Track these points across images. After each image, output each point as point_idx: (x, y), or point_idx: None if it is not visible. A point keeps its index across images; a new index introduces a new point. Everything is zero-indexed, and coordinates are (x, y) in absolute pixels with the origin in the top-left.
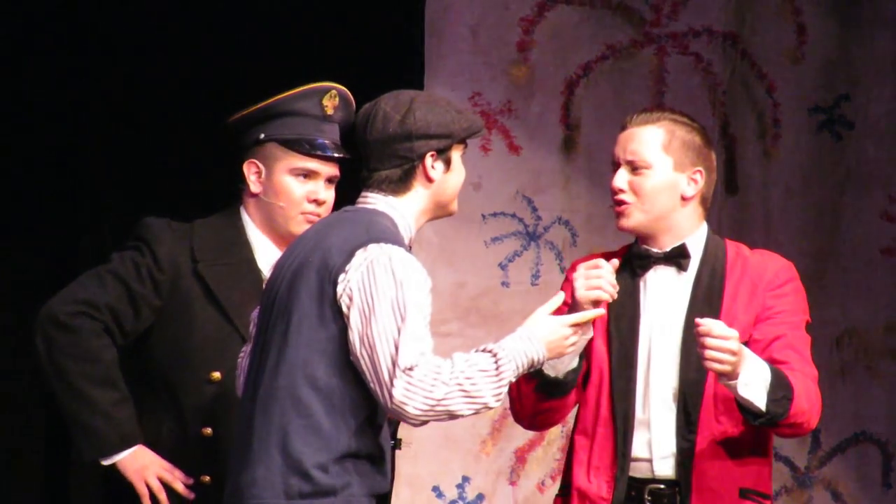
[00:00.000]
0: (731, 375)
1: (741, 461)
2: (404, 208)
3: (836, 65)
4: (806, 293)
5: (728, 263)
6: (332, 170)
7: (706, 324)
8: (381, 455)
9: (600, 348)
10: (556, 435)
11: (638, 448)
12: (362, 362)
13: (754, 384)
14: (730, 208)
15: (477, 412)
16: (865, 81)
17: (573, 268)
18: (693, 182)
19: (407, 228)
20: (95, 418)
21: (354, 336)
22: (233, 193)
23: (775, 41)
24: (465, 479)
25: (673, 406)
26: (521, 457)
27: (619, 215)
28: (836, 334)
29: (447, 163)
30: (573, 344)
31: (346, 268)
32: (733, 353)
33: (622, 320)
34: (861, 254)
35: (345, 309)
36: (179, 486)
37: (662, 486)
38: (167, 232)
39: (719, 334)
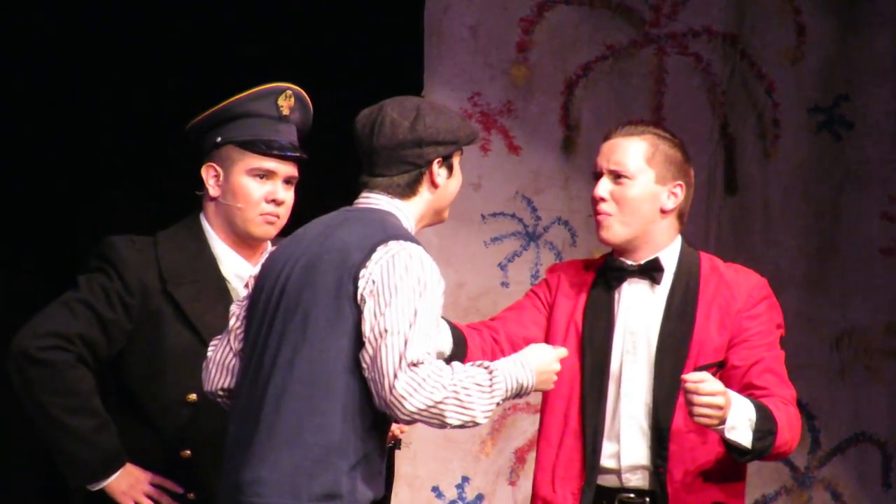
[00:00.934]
0: (719, 424)
1: (714, 475)
2: (408, 211)
3: (835, 65)
4: (806, 293)
5: (702, 278)
6: (289, 170)
7: (693, 380)
8: (381, 459)
9: (572, 360)
10: None
11: (606, 459)
12: (368, 351)
13: (740, 426)
14: (729, 208)
15: (464, 425)
16: (865, 82)
17: (553, 270)
18: (673, 196)
19: (409, 230)
20: (77, 447)
21: (366, 326)
22: (194, 200)
23: (775, 41)
24: (465, 479)
25: (644, 420)
26: (520, 457)
27: (599, 226)
28: (836, 334)
29: (450, 168)
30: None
31: (367, 263)
32: (720, 408)
33: (595, 333)
34: (860, 253)
35: (362, 302)
36: (167, 500)
37: (632, 496)
38: (132, 252)
39: (707, 391)
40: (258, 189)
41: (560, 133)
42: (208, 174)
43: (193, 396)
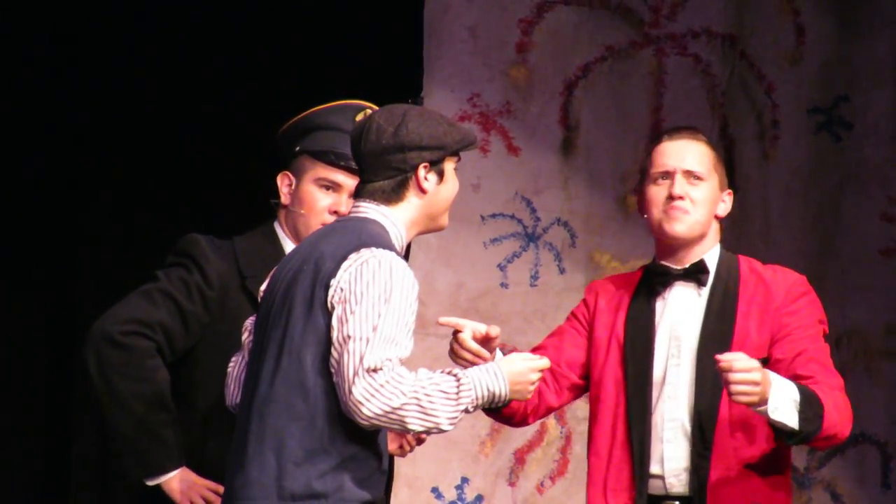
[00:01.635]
0: (760, 403)
1: (756, 478)
2: (396, 217)
3: (834, 66)
4: None
5: (741, 279)
6: (354, 183)
7: (726, 359)
8: (376, 460)
9: (615, 370)
10: (555, 436)
11: (652, 465)
12: (334, 356)
13: (784, 406)
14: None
15: (428, 431)
16: (864, 82)
17: (591, 288)
18: (723, 203)
19: (398, 237)
20: (147, 439)
21: (334, 333)
22: (270, 209)
23: (774, 42)
24: (465, 479)
25: (687, 424)
26: (520, 458)
27: (674, 220)
28: (836, 335)
29: (440, 174)
30: (534, 389)
31: (337, 272)
32: (757, 384)
33: (637, 342)
34: (860, 254)
35: (332, 309)
36: None
37: (677, 503)
38: (212, 248)
39: (741, 368)
40: (323, 199)
41: (559, 134)
42: (283, 182)
43: None
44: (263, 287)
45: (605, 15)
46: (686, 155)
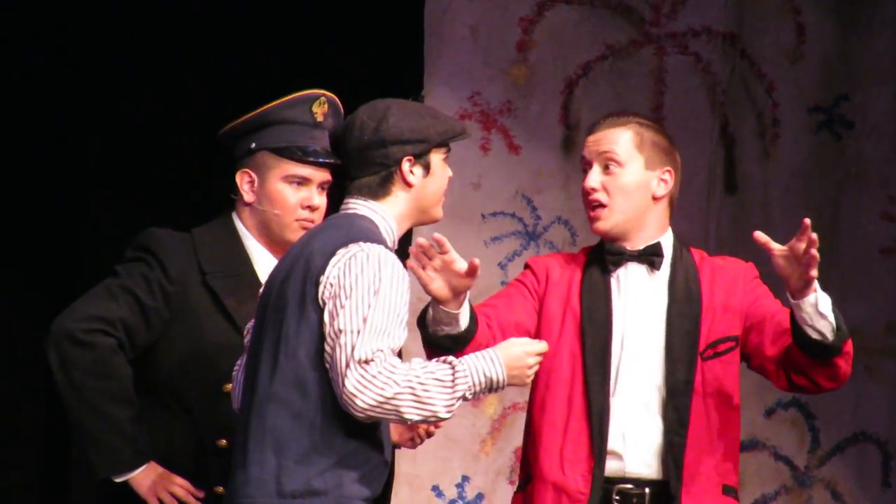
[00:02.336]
0: (810, 283)
1: (723, 458)
2: (385, 211)
3: (835, 65)
4: None
5: (697, 265)
6: (324, 175)
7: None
8: (378, 456)
9: (571, 342)
10: None
11: (612, 442)
12: (328, 351)
13: (825, 301)
14: (729, 208)
15: (426, 420)
16: (865, 81)
17: (536, 261)
18: (663, 182)
19: (388, 231)
20: (111, 435)
21: (326, 328)
22: (225, 202)
23: (775, 41)
24: (465, 478)
25: (655, 406)
26: (520, 455)
27: (594, 219)
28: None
29: (426, 167)
30: (532, 373)
31: (327, 267)
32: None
33: (595, 316)
34: (860, 253)
35: (323, 305)
36: (192, 500)
37: (630, 486)
38: (172, 242)
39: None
40: (294, 195)
41: (560, 132)
42: (242, 180)
43: (230, 386)
44: (262, 289)
45: (606, 13)
46: (600, 144)
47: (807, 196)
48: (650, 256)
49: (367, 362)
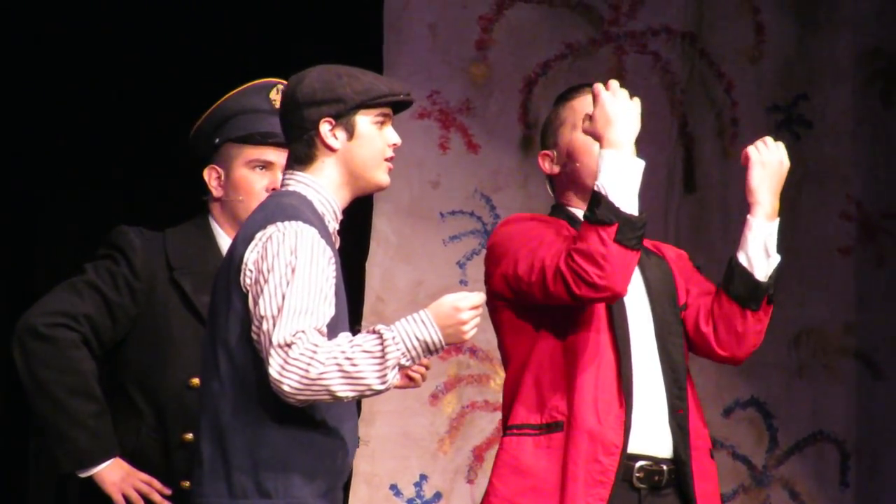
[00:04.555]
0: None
1: (704, 422)
2: (316, 182)
3: (794, 64)
4: None
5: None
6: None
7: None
8: (332, 450)
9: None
10: None
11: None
12: (255, 339)
13: (773, 244)
14: (688, 207)
15: (362, 394)
16: (824, 81)
17: (518, 219)
18: None
19: (324, 202)
20: (75, 430)
21: (252, 315)
22: (200, 204)
23: (734, 40)
24: (423, 477)
25: (657, 376)
26: (478, 455)
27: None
28: (794, 333)
29: (349, 131)
30: (473, 328)
31: (245, 253)
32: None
33: None
34: (819, 253)
35: (246, 293)
36: (157, 498)
37: (649, 463)
38: (141, 240)
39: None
40: (259, 180)
41: (519, 131)
42: (210, 177)
43: (197, 381)
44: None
45: (565, 12)
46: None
47: None
48: None
49: (288, 345)
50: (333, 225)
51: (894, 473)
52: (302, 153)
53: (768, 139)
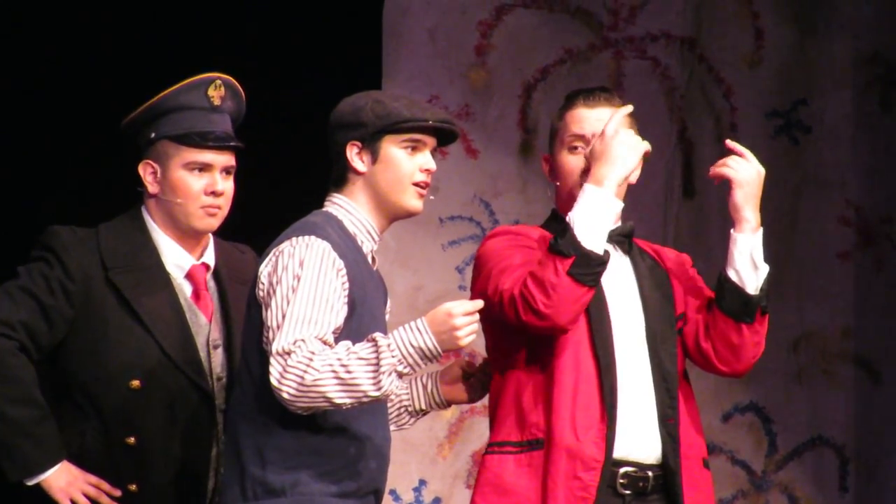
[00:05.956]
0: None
1: (699, 431)
2: (349, 203)
3: (793, 69)
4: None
5: (641, 246)
6: (226, 159)
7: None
8: (346, 450)
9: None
10: None
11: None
12: (266, 351)
13: (760, 255)
14: (687, 212)
15: (359, 400)
16: (822, 86)
17: (499, 233)
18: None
19: (357, 222)
20: (18, 438)
21: (263, 328)
22: (134, 195)
23: (733, 46)
24: (422, 482)
25: (647, 380)
26: (477, 460)
27: None
28: (793, 338)
29: (374, 154)
30: (468, 335)
31: (261, 267)
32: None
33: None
34: (818, 258)
35: (260, 305)
36: (105, 500)
37: (634, 469)
38: (73, 240)
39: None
40: (196, 182)
41: (518, 137)
42: (146, 171)
43: (137, 383)
44: (175, 277)
45: (564, 18)
46: (600, 122)
47: (764, 200)
48: (629, 236)
49: (287, 353)
50: (370, 245)
51: (893, 478)
52: (337, 174)
53: (736, 154)
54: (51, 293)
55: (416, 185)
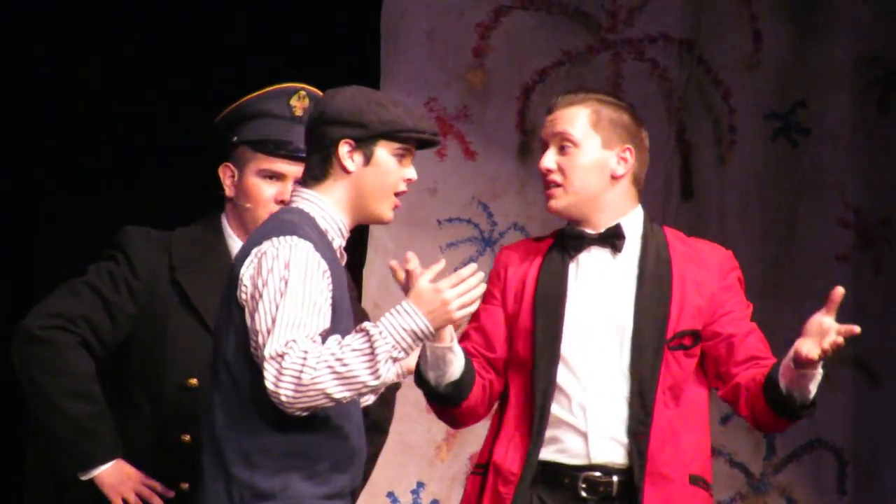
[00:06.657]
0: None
1: (689, 449)
2: (323, 200)
3: (792, 71)
4: (762, 299)
5: (670, 247)
6: (299, 170)
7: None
8: (334, 452)
9: (526, 323)
10: None
11: (574, 426)
12: (253, 353)
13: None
14: (685, 214)
15: (359, 392)
16: (821, 88)
17: (502, 252)
18: (623, 161)
19: (329, 219)
20: (73, 433)
21: (249, 329)
22: (216, 199)
23: (731, 48)
24: (420, 484)
25: (622, 390)
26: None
27: (549, 197)
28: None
29: (367, 157)
30: (460, 307)
31: (241, 269)
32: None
33: (548, 301)
34: (817, 260)
35: (243, 306)
36: (157, 501)
37: (598, 474)
38: (144, 239)
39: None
40: (268, 189)
41: (516, 138)
42: (225, 174)
43: (194, 381)
44: None
45: (563, 20)
46: (556, 124)
47: (763, 203)
48: (611, 239)
49: (280, 356)
50: (339, 241)
51: (892, 481)
52: (317, 168)
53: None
54: (115, 290)
55: (396, 194)
